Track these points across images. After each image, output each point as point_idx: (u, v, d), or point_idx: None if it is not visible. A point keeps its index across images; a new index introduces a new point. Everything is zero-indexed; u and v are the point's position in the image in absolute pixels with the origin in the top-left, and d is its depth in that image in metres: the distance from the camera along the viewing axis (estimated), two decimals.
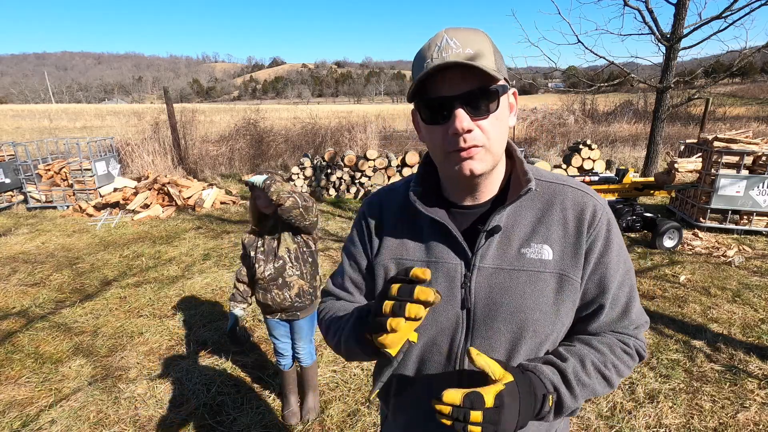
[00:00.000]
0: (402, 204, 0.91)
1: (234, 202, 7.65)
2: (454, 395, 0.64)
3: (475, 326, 0.81)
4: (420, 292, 0.64)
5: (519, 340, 0.80)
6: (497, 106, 0.74)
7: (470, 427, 0.63)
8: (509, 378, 0.68)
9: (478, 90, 0.72)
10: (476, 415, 0.63)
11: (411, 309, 0.64)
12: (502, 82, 0.74)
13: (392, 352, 0.69)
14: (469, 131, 0.73)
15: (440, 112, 0.74)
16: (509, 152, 0.86)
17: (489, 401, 0.64)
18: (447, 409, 0.64)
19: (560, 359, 0.79)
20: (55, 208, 7.34)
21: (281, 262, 2.24)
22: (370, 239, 0.93)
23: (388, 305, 0.66)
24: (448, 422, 0.65)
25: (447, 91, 0.72)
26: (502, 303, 0.79)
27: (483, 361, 0.68)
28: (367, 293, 0.96)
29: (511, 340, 0.80)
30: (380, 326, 0.67)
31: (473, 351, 0.69)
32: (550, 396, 0.73)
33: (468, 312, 0.81)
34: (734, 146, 5.69)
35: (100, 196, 7.26)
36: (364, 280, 0.96)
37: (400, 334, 0.68)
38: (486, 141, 0.75)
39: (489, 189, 0.84)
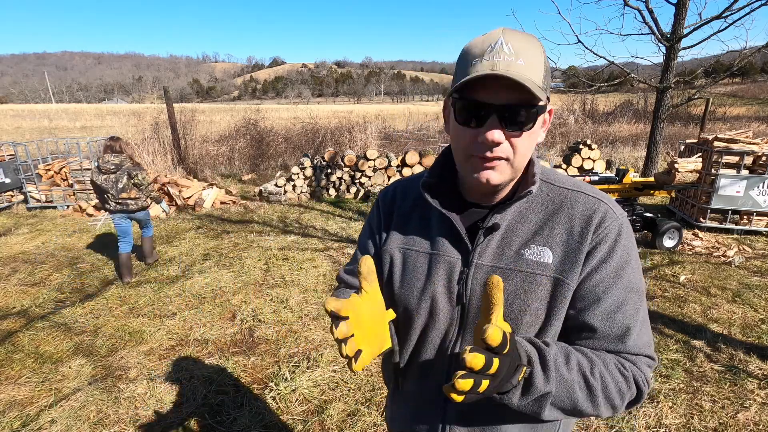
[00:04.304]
0: (417, 196, 0.92)
1: (234, 202, 7.64)
2: (479, 359, 0.56)
3: (468, 323, 0.81)
4: (338, 332, 0.65)
5: None
6: (533, 125, 0.72)
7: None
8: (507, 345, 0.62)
9: (518, 106, 0.69)
10: (486, 384, 0.59)
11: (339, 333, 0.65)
12: (543, 102, 0.71)
13: (355, 367, 0.69)
14: (498, 144, 0.71)
15: (475, 115, 0.71)
16: None
17: (494, 368, 0.58)
18: (468, 385, 0.57)
19: (544, 343, 0.73)
20: (55, 207, 7.34)
21: None
22: (379, 228, 0.95)
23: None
24: (460, 398, 0.59)
25: (487, 97, 0.69)
26: None
27: (499, 297, 0.61)
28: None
29: None
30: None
31: (499, 281, 0.61)
32: (524, 368, 0.64)
33: (462, 308, 0.81)
34: (734, 146, 5.68)
35: None
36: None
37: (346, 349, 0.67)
38: (511, 155, 0.73)
39: (503, 192, 0.83)
